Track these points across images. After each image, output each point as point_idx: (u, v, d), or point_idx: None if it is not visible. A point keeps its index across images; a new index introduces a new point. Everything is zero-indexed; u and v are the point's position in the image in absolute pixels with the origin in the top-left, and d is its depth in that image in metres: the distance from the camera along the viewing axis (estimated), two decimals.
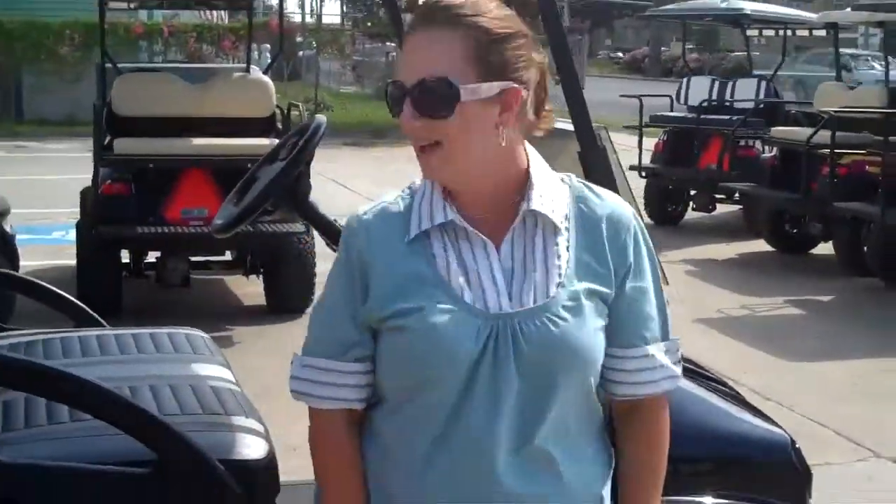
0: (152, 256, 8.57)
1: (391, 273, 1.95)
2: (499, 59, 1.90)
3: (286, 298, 8.40)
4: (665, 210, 13.08)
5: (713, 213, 13.00)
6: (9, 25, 21.96)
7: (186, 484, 2.36)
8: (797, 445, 2.89)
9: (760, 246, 11.55)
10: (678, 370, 2.08)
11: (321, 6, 41.03)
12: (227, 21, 23.72)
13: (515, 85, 1.91)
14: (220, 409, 2.66)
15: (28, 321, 4.24)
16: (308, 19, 32.31)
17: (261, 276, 8.64)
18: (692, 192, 13.04)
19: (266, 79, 9.02)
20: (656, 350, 2.03)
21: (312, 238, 8.39)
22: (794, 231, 11.36)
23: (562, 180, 2.04)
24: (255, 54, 24.57)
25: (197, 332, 3.39)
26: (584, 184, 2.06)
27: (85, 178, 8.57)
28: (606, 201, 2.03)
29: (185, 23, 23.68)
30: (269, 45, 24.15)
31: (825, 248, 10.99)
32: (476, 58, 1.88)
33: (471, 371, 1.90)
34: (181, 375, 2.85)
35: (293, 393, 2.03)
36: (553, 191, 1.99)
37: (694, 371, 3.04)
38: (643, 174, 12.74)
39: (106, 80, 9.10)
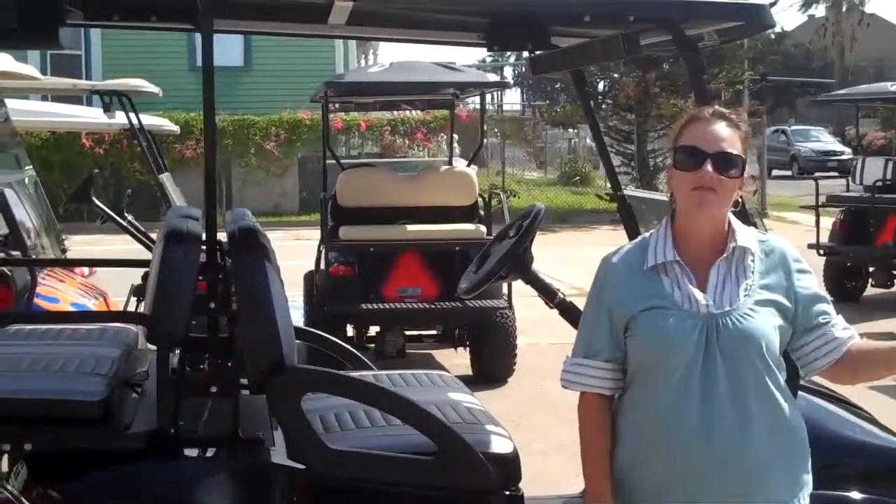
0: (373, 330, 9.56)
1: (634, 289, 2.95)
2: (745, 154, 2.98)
3: (491, 368, 9.26)
4: (844, 287, 13.44)
5: (892, 289, 13.36)
6: (220, 123, 23.51)
7: (458, 468, 3.30)
8: None
9: None
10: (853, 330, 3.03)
11: (502, 96, 42.35)
12: (419, 114, 24.85)
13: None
14: (475, 420, 3.61)
15: None
16: (488, 106, 33.53)
17: (467, 349, 9.56)
18: (870, 269, 13.47)
19: (470, 171, 10.02)
20: (839, 320, 3.01)
21: (513, 312, 9.29)
22: None
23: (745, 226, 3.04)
24: (443, 145, 25.88)
25: (446, 373, 4.38)
26: (756, 229, 3.06)
27: (295, 263, 9.51)
28: (775, 239, 3.03)
29: (380, 117, 25.00)
30: (456, 136, 25.33)
31: None
32: (744, 150, 2.96)
33: (691, 354, 2.86)
34: (444, 400, 3.82)
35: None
36: (745, 233, 2.98)
37: (842, 400, 3.87)
38: (821, 252, 13.21)
39: (327, 174, 10.25)
